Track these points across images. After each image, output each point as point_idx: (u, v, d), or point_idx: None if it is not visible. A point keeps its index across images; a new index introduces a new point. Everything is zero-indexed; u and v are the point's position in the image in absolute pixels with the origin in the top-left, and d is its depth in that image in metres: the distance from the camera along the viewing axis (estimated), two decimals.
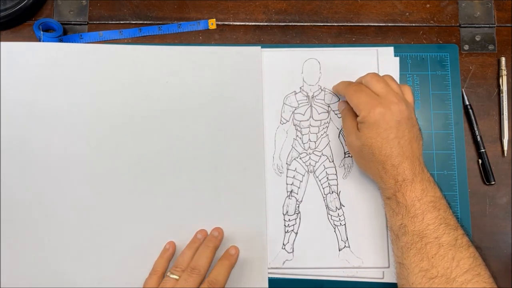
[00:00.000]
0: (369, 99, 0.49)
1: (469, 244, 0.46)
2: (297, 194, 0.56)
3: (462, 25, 0.60)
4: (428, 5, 0.61)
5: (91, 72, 0.58)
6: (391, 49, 0.59)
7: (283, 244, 0.54)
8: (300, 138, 0.57)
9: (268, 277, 0.54)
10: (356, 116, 0.51)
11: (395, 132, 0.48)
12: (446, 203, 0.48)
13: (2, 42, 0.58)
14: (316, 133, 0.57)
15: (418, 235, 0.46)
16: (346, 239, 0.54)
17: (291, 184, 0.56)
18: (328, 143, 0.57)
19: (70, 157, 0.56)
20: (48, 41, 0.58)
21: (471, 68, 0.59)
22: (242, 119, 0.57)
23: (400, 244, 0.47)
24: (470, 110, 0.58)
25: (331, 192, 0.56)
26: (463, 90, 0.58)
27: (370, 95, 0.50)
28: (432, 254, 0.45)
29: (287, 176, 0.56)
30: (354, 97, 0.50)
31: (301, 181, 0.56)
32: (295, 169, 0.56)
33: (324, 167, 0.56)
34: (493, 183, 0.56)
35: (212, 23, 0.56)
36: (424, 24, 0.61)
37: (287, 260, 0.54)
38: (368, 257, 0.54)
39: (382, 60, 0.58)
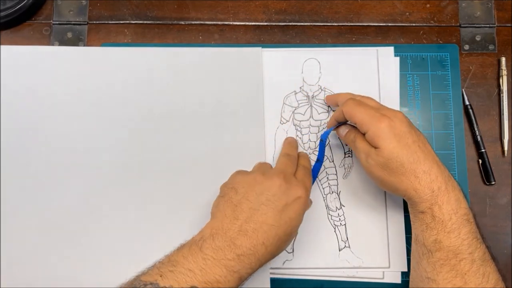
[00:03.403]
0: (373, 112, 0.47)
1: (491, 256, 0.45)
2: None
3: (462, 25, 0.60)
4: (428, 5, 0.61)
5: (91, 74, 0.58)
6: (391, 49, 0.59)
7: None
8: (300, 138, 0.57)
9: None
10: (363, 135, 0.49)
11: (411, 137, 0.46)
12: (472, 214, 0.46)
13: (2, 46, 0.58)
14: (316, 133, 0.57)
15: (453, 252, 0.44)
16: (346, 239, 0.54)
17: None
18: (328, 143, 0.57)
19: (71, 159, 0.56)
20: None
21: (471, 68, 0.59)
22: (242, 119, 0.57)
23: (433, 259, 0.45)
24: (470, 110, 0.58)
25: (331, 192, 0.56)
26: (463, 90, 0.58)
27: (371, 108, 0.48)
28: (466, 271, 0.44)
29: None
30: (360, 114, 0.48)
31: None
32: None
33: (324, 167, 0.56)
34: (493, 183, 0.56)
35: None
36: (424, 24, 0.61)
37: (287, 260, 0.54)
38: (368, 257, 0.54)
39: (382, 60, 0.58)
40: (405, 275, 0.54)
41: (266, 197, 0.45)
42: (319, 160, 0.55)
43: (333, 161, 0.56)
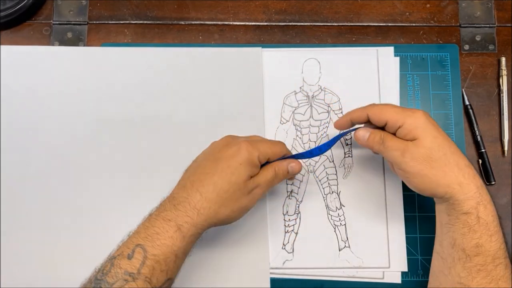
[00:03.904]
0: (402, 108, 0.46)
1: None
2: (297, 194, 0.56)
3: (462, 25, 0.60)
4: (428, 5, 0.61)
5: (91, 74, 0.58)
6: (391, 49, 0.59)
7: (283, 244, 0.54)
8: (300, 138, 0.57)
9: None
10: (391, 134, 0.47)
11: (443, 131, 0.46)
12: None
13: (2, 46, 0.58)
14: (316, 133, 0.57)
15: (492, 256, 0.43)
16: (346, 239, 0.54)
17: (291, 184, 0.56)
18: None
19: (71, 159, 0.56)
20: None
21: (471, 68, 0.59)
22: (242, 119, 0.57)
23: (470, 265, 0.43)
24: (470, 110, 0.58)
25: (331, 192, 0.56)
26: (463, 90, 0.58)
27: (397, 106, 0.48)
28: (500, 276, 0.43)
29: None
30: (390, 111, 0.46)
31: (301, 181, 0.56)
32: None
33: (324, 167, 0.56)
34: (493, 183, 0.56)
35: None
36: (424, 24, 0.61)
37: (287, 260, 0.54)
38: (368, 257, 0.54)
39: (382, 60, 0.58)
40: (405, 275, 0.54)
41: (209, 152, 0.48)
42: (321, 150, 0.51)
43: (333, 161, 0.56)
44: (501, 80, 0.58)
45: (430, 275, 0.48)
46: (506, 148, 0.57)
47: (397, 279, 0.54)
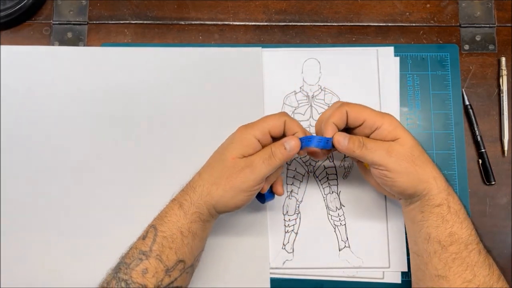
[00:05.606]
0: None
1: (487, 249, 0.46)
2: (297, 194, 0.56)
3: (462, 25, 0.60)
4: (428, 5, 0.61)
5: (91, 74, 0.58)
6: (391, 49, 0.59)
7: (283, 244, 0.54)
8: None
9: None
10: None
11: None
12: None
13: (2, 46, 0.58)
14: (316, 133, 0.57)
15: (465, 243, 0.44)
16: (346, 239, 0.54)
17: (291, 184, 0.56)
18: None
19: (71, 159, 0.56)
20: None
21: (471, 68, 0.59)
22: (242, 119, 0.57)
23: (445, 255, 0.44)
24: (470, 110, 0.58)
25: (331, 192, 0.56)
26: (463, 90, 0.58)
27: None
28: (474, 262, 0.44)
29: (287, 176, 0.56)
30: (368, 111, 0.46)
31: (301, 181, 0.56)
32: (295, 169, 0.56)
33: (324, 167, 0.56)
34: (493, 183, 0.56)
35: None
36: (424, 24, 0.61)
37: (287, 260, 0.54)
38: (368, 257, 0.54)
39: (382, 60, 0.58)
40: (405, 275, 0.54)
41: None
42: (311, 141, 0.47)
43: (333, 161, 0.56)
44: (501, 80, 0.58)
45: (411, 275, 0.49)
46: (506, 148, 0.57)
47: (397, 279, 0.54)
